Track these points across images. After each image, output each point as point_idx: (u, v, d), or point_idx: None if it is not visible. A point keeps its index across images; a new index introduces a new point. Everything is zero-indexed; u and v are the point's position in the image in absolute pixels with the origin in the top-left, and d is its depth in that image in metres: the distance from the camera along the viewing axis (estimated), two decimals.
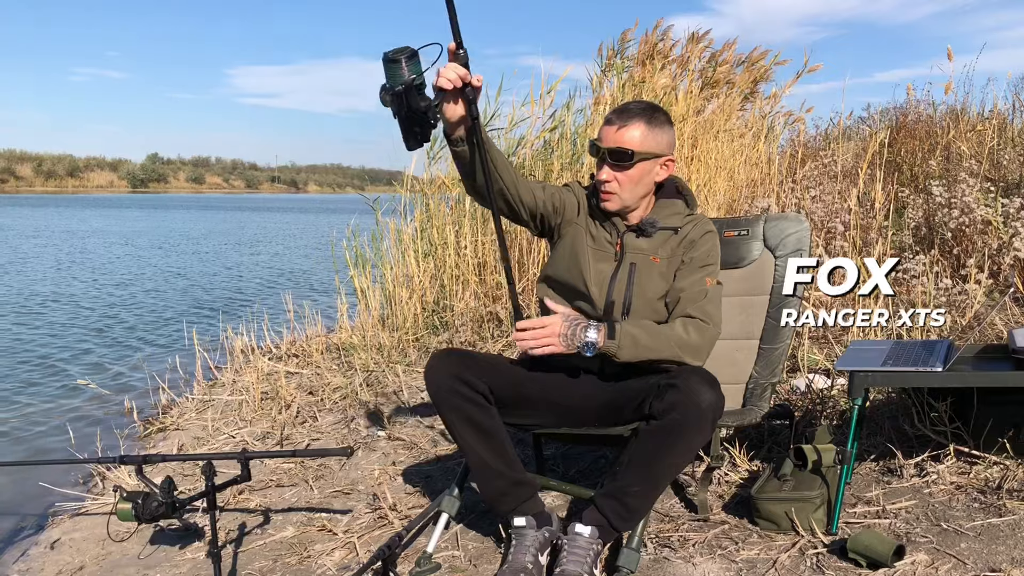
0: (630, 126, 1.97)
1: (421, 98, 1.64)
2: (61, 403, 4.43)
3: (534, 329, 1.89)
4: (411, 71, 1.62)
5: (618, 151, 1.96)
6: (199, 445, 3.29)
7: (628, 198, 2.01)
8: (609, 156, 1.97)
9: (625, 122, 1.98)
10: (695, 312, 1.95)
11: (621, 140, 1.97)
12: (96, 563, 2.33)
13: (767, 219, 2.50)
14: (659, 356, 1.91)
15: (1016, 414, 2.29)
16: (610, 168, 1.98)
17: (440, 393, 1.91)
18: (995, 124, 5.76)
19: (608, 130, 1.99)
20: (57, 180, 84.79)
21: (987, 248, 4.05)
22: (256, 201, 58.41)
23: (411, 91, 1.63)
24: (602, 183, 2.00)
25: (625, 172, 1.98)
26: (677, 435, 1.79)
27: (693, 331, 1.93)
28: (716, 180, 5.56)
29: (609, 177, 1.99)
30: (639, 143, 1.97)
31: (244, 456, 2.16)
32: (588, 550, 1.85)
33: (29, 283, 9.90)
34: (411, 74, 1.62)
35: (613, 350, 1.87)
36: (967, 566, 1.84)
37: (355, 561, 2.14)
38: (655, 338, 1.91)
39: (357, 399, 3.65)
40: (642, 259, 2.02)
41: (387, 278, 4.99)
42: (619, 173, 1.98)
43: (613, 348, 1.87)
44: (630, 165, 1.97)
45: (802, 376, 3.12)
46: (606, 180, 1.99)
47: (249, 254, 15.03)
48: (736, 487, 2.39)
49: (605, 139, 1.99)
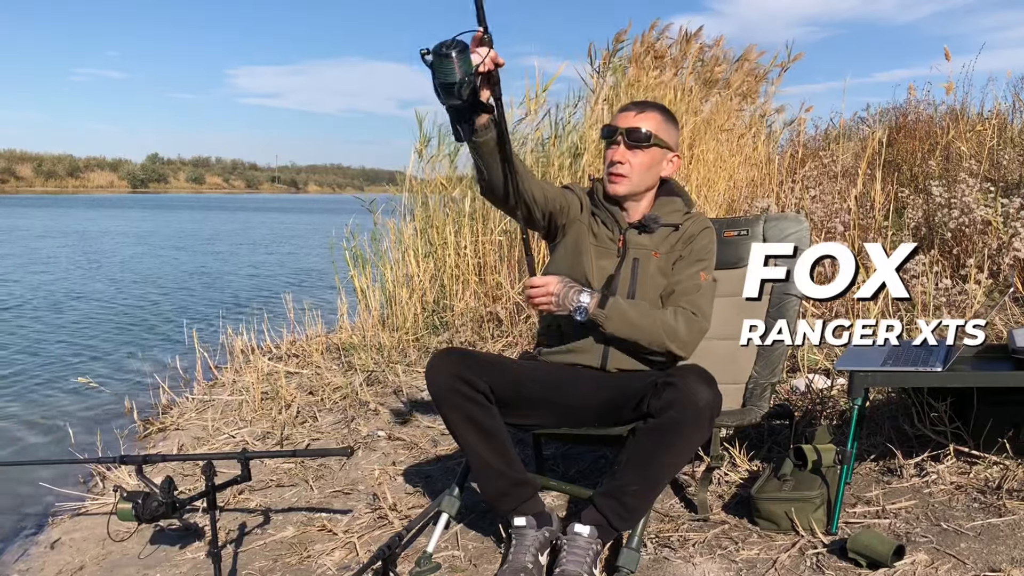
0: (647, 113, 2.06)
1: (473, 91, 1.66)
2: (61, 403, 4.43)
3: (535, 287, 1.97)
4: (463, 66, 1.61)
5: (636, 131, 2.03)
6: (199, 445, 3.29)
7: (637, 183, 2.06)
8: (627, 136, 2.03)
9: (643, 110, 2.07)
10: (686, 304, 2.00)
11: (640, 122, 2.04)
12: (96, 563, 2.33)
13: (767, 219, 2.50)
14: (645, 335, 1.96)
15: (1016, 414, 2.29)
16: (625, 149, 2.03)
17: (441, 392, 1.91)
18: (995, 124, 5.75)
19: (626, 115, 2.07)
20: (57, 180, 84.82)
21: (987, 248, 4.05)
22: (257, 201, 58.41)
23: (464, 85, 1.63)
24: (614, 164, 2.05)
25: (639, 155, 2.04)
26: (675, 433, 1.80)
27: (682, 320, 1.98)
28: (716, 180, 5.56)
29: (623, 158, 2.04)
30: (655, 128, 2.04)
31: (244, 456, 2.16)
32: (588, 550, 1.85)
33: (30, 283, 9.90)
34: (464, 71, 1.62)
35: (601, 319, 1.94)
36: (967, 566, 1.84)
37: (355, 561, 2.14)
38: (644, 317, 1.96)
39: (357, 399, 3.65)
40: (644, 255, 2.06)
41: (387, 278, 5.00)
42: (632, 156, 2.04)
43: (601, 317, 1.94)
44: (646, 147, 2.04)
45: (802, 376, 3.12)
46: (619, 161, 2.04)
47: (261, 254, 15.02)
48: (736, 487, 2.39)
49: (622, 122, 2.06)
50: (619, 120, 2.07)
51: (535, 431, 2.23)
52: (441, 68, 1.61)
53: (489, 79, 1.71)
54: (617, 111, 2.13)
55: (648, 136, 2.03)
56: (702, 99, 6.24)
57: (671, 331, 1.96)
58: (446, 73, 1.61)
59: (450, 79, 1.61)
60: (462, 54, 1.61)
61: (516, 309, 4.60)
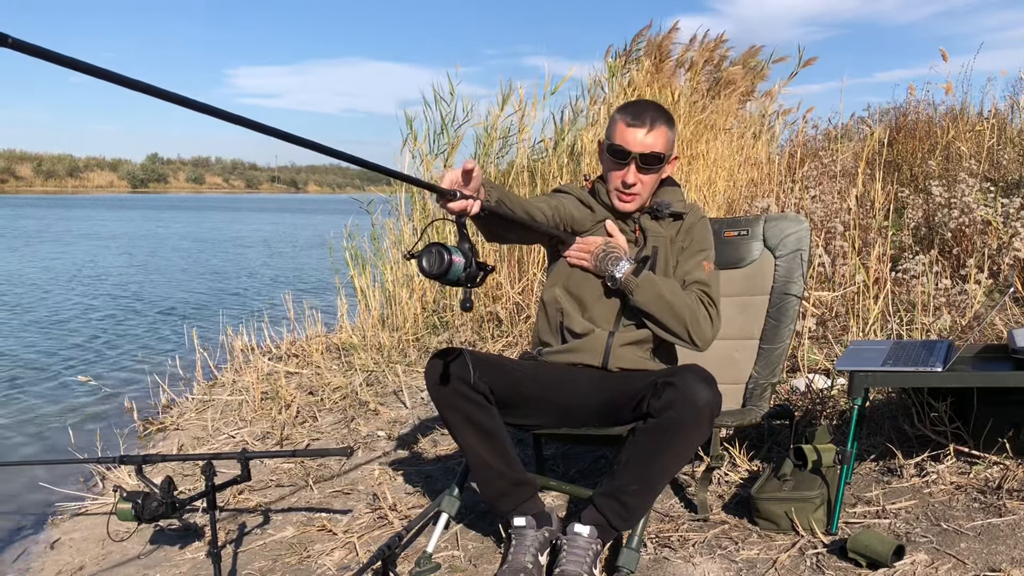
0: (656, 130, 2.00)
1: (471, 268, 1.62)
2: (61, 403, 4.43)
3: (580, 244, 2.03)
4: (455, 270, 1.59)
5: (652, 156, 1.99)
6: (199, 445, 3.29)
7: (647, 197, 2.08)
8: (642, 161, 1.99)
9: (651, 126, 1.99)
10: (704, 299, 2.00)
11: (654, 145, 1.99)
12: (96, 563, 2.33)
13: (767, 219, 2.50)
14: (670, 312, 1.96)
15: (1016, 414, 2.29)
16: (638, 172, 2.01)
17: (440, 393, 1.91)
18: (994, 124, 5.76)
19: (634, 133, 1.99)
20: (57, 180, 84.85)
21: (987, 248, 4.05)
22: (260, 202, 58.39)
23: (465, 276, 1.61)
24: (629, 186, 2.02)
25: (651, 176, 2.03)
26: (674, 433, 1.80)
27: (711, 313, 1.99)
28: (716, 180, 5.56)
29: (636, 180, 2.01)
30: (664, 146, 2.02)
31: (244, 456, 2.16)
32: (587, 550, 1.85)
33: (30, 285, 9.90)
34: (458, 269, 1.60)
35: (632, 286, 1.97)
36: (967, 566, 1.84)
37: (355, 561, 2.14)
38: (674, 295, 1.97)
39: (357, 399, 3.65)
40: (662, 243, 2.07)
41: (387, 278, 5.00)
42: (646, 176, 2.02)
43: (632, 284, 1.97)
44: (660, 168, 2.03)
45: (802, 376, 3.12)
46: (633, 183, 2.01)
47: (261, 254, 15.02)
48: (736, 487, 2.39)
49: (633, 144, 1.99)
50: (628, 138, 1.99)
51: (535, 431, 2.23)
52: (440, 281, 1.62)
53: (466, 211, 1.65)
54: (619, 115, 2.05)
55: (662, 159, 2.01)
56: (708, 100, 6.25)
57: (695, 317, 1.97)
58: (447, 283, 1.62)
59: (452, 283, 1.61)
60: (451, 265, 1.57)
61: (516, 309, 4.60)
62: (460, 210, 1.61)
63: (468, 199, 1.60)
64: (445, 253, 1.57)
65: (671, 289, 1.98)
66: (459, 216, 1.63)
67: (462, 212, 1.61)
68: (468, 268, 1.60)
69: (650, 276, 1.98)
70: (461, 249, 1.60)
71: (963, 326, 3.45)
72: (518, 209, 1.86)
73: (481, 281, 1.66)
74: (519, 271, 4.77)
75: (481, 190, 1.69)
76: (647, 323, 2.00)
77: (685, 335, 1.97)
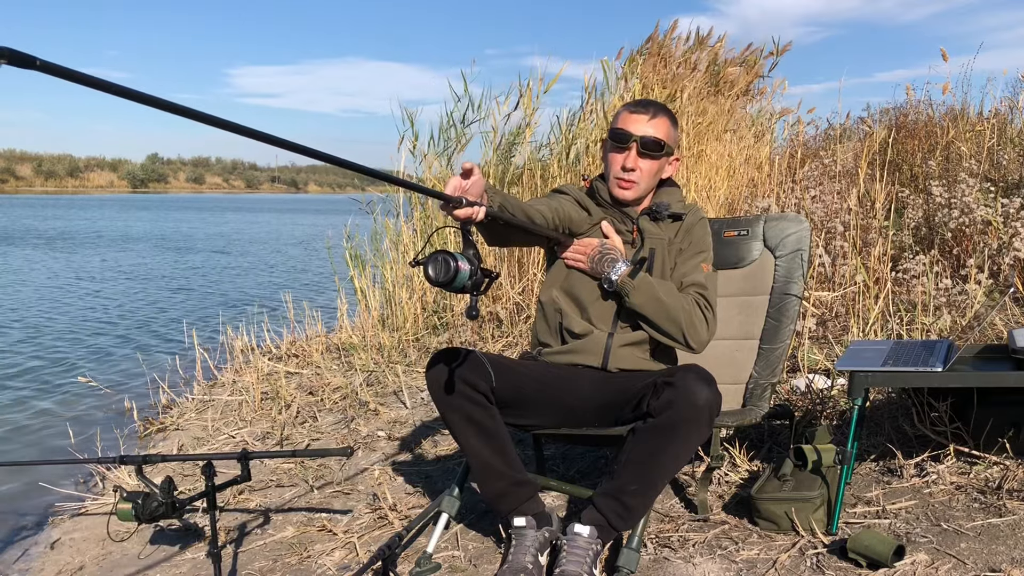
0: (659, 119, 2.03)
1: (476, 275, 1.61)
2: (61, 403, 4.44)
3: (577, 245, 2.03)
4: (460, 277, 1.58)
5: (652, 140, 2.01)
6: (199, 445, 3.29)
7: (644, 188, 2.07)
8: (641, 143, 2.01)
9: (654, 115, 2.03)
10: (700, 301, 2.01)
11: (656, 132, 2.02)
12: (96, 563, 2.33)
13: (767, 219, 2.50)
14: (666, 315, 1.96)
15: (1016, 414, 2.28)
16: (637, 155, 2.02)
17: (441, 393, 1.91)
18: (994, 124, 5.75)
19: (637, 119, 2.02)
20: (57, 180, 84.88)
21: (987, 248, 4.05)
22: (262, 202, 58.38)
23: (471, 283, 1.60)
24: (627, 170, 2.03)
25: (651, 162, 2.03)
26: (674, 433, 1.80)
27: (707, 315, 1.99)
28: (716, 180, 5.56)
29: (635, 165, 2.02)
30: (666, 135, 2.03)
31: (244, 456, 2.16)
32: (587, 550, 1.85)
33: (32, 284, 9.89)
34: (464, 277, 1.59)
35: (629, 288, 1.96)
36: (967, 566, 1.84)
37: (355, 561, 2.14)
38: (670, 296, 1.97)
39: (357, 399, 3.65)
40: (660, 244, 2.08)
41: (387, 278, 5.00)
42: (645, 162, 2.03)
43: (629, 286, 1.96)
44: (659, 155, 2.04)
45: (802, 376, 3.12)
46: (632, 168, 2.02)
47: (261, 254, 15.02)
48: (736, 487, 2.39)
49: (635, 128, 2.02)
50: (630, 123, 2.03)
51: (535, 431, 2.23)
52: (446, 289, 1.61)
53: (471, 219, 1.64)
54: (623, 108, 2.08)
55: (662, 146, 2.02)
56: (712, 100, 6.25)
57: (691, 319, 1.97)
58: (453, 290, 1.61)
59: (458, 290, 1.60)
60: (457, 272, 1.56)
61: (516, 309, 4.60)
62: (466, 217, 1.60)
63: (473, 206, 1.59)
64: (451, 260, 1.57)
65: (667, 291, 1.98)
66: (464, 223, 1.63)
67: (468, 219, 1.61)
68: (474, 275, 1.60)
69: (646, 278, 1.98)
70: (466, 255, 1.60)
71: (963, 326, 3.45)
72: (519, 213, 1.86)
73: (486, 289, 1.65)
74: (519, 271, 4.77)
75: (484, 196, 1.69)
76: (642, 325, 2.01)
77: (680, 337, 1.98)
